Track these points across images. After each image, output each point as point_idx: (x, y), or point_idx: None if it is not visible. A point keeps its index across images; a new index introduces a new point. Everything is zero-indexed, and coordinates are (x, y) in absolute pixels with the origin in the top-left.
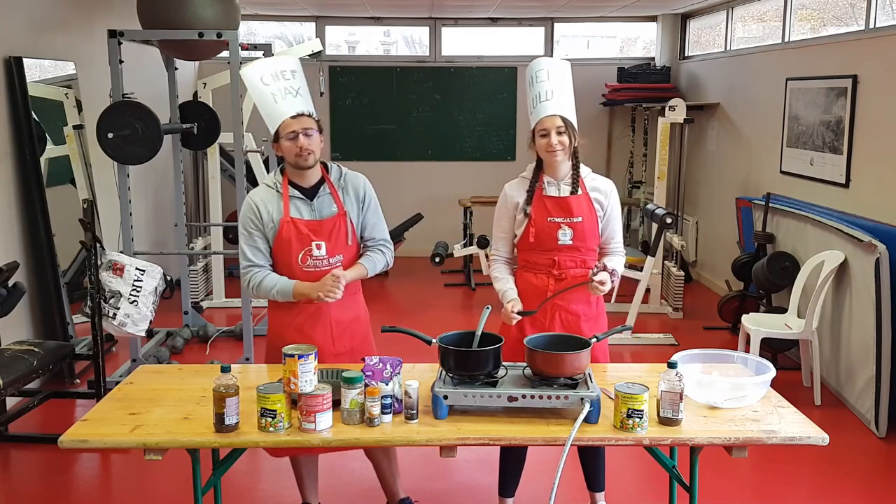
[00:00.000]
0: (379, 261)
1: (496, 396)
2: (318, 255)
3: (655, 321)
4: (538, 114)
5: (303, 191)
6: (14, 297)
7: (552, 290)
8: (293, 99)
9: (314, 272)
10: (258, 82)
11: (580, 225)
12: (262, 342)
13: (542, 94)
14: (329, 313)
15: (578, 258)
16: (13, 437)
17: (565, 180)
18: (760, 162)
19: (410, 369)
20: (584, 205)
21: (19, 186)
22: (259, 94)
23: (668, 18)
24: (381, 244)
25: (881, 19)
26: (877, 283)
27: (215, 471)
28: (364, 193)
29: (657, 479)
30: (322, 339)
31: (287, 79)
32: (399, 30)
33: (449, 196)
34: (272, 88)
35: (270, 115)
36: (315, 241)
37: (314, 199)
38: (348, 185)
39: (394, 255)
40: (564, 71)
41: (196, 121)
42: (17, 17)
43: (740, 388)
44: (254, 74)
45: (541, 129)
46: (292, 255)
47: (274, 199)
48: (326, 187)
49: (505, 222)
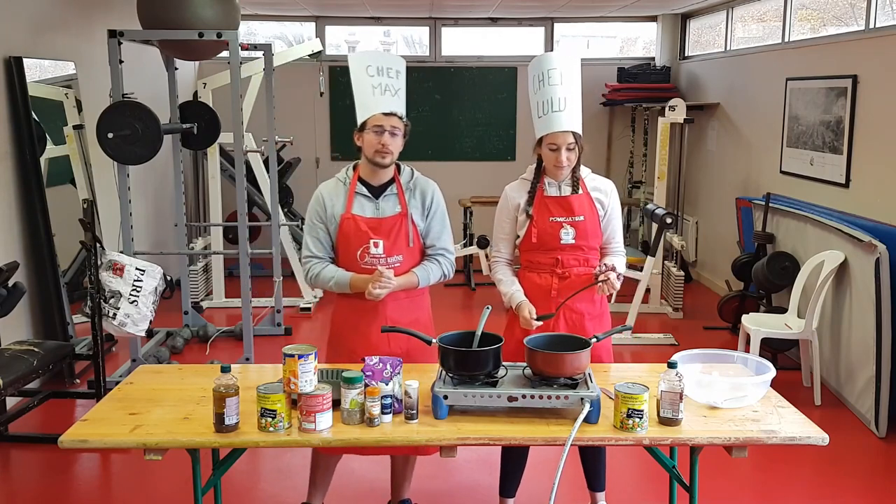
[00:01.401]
0: (434, 272)
1: (496, 396)
2: (376, 254)
3: (655, 321)
4: (550, 125)
5: (370, 188)
6: (14, 297)
7: (556, 290)
8: (391, 97)
9: (372, 269)
10: (363, 70)
11: (582, 224)
12: (262, 342)
13: (554, 102)
14: (386, 314)
15: (581, 257)
16: (13, 437)
17: (566, 181)
18: (760, 162)
19: (410, 369)
20: (586, 204)
21: (19, 186)
22: (360, 81)
23: (668, 18)
24: (441, 253)
25: (881, 19)
26: (877, 283)
27: (215, 471)
28: (432, 199)
29: (657, 479)
30: (378, 338)
31: (391, 77)
32: (399, 30)
33: (449, 196)
34: (375, 81)
35: (365, 104)
36: (373, 238)
37: (380, 198)
38: (417, 188)
39: (454, 265)
40: (576, 70)
41: (196, 121)
42: (17, 17)
43: (740, 388)
44: (361, 62)
45: (551, 143)
46: (351, 251)
47: (341, 193)
48: (394, 187)
49: (506, 224)
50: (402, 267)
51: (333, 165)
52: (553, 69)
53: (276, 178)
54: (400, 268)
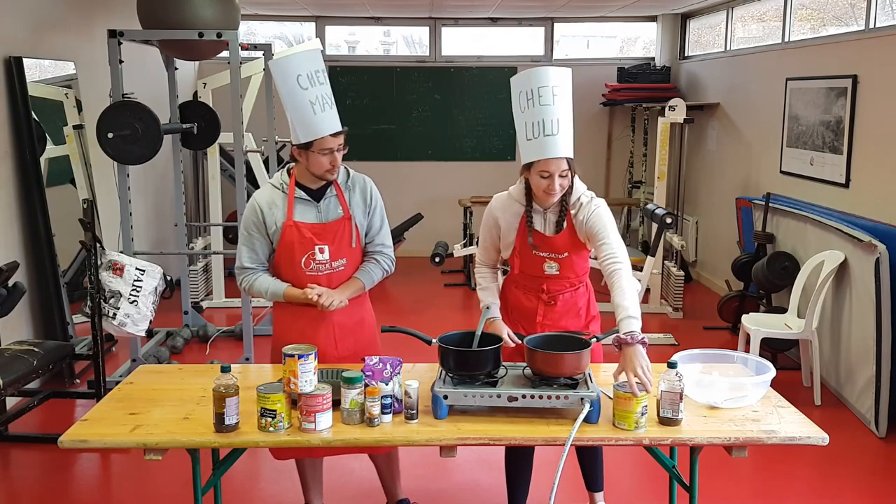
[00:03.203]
0: (376, 273)
1: (496, 396)
2: (321, 259)
3: (655, 321)
4: (543, 151)
5: (310, 192)
6: (14, 297)
7: (541, 315)
8: (330, 111)
9: (317, 276)
10: (293, 81)
11: (566, 259)
12: (262, 342)
13: (546, 124)
14: (332, 317)
15: (567, 283)
16: (13, 437)
17: (553, 209)
18: (760, 162)
19: (410, 369)
20: (569, 241)
21: (19, 186)
22: (293, 95)
23: (668, 18)
24: (380, 249)
25: (881, 19)
26: (877, 283)
27: (215, 471)
28: (371, 195)
29: (657, 479)
30: (325, 342)
31: (321, 83)
32: (399, 30)
33: (449, 196)
34: (310, 95)
35: (307, 126)
36: (318, 244)
37: (321, 202)
38: (355, 187)
39: (394, 260)
40: (567, 86)
41: (196, 121)
42: (17, 17)
43: (740, 388)
44: (288, 71)
45: (543, 170)
46: (295, 259)
47: (279, 200)
48: (333, 189)
49: (488, 236)
50: (346, 269)
51: None
52: (544, 87)
53: None
54: (344, 271)
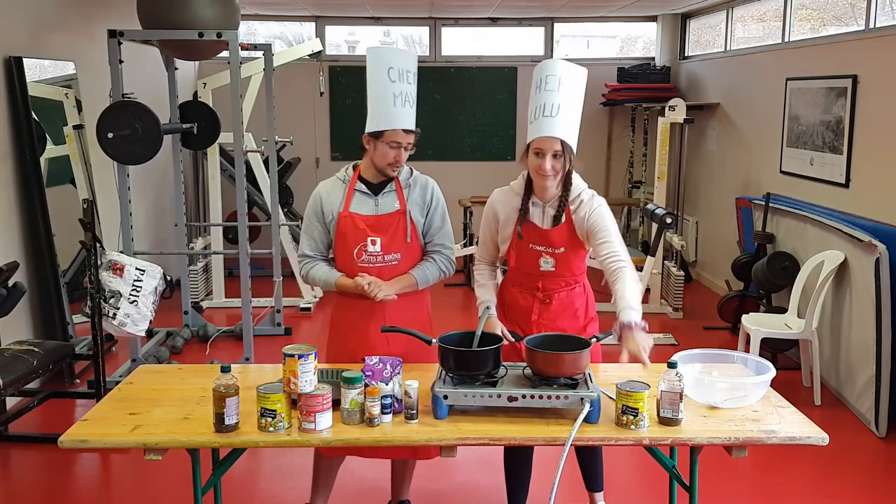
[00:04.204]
0: (431, 272)
1: (496, 396)
2: (373, 251)
3: (655, 321)
4: (537, 130)
5: (370, 186)
6: (14, 297)
7: (536, 314)
8: (410, 110)
9: (369, 268)
10: (383, 72)
11: (563, 255)
12: (262, 342)
13: (546, 106)
14: (384, 312)
15: (563, 281)
16: (13, 437)
17: (552, 203)
18: (760, 162)
19: (410, 369)
20: (566, 236)
21: (19, 186)
22: (380, 84)
23: (668, 18)
24: (439, 250)
25: (881, 19)
26: (877, 283)
27: (215, 471)
28: (432, 195)
29: (657, 479)
30: (376, 337)
31: (410, 83)
32: (399, 30)
33: (449, 196)
34: (397, 88)
35: (386, 115)
36: (371, 236)
37: (379, 195)
38: (416, 184)
39: (454, 262)
40: (578, 82)
41: (196, 121)
42: (17, 17)
43: (740, 388)
44: (382, 61)
45: (536, 148)
46: (348, 249)
47: (339, 191)
48: (393, 184)
49: (487, 231)
50: (400, 264)
51: (333, 165)
52: (552, 75)
53: (276, 178)
54: (398, 265)
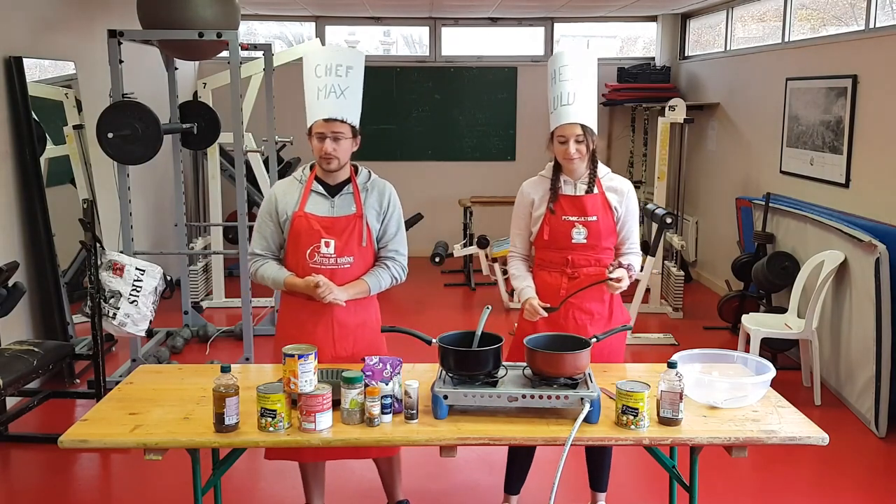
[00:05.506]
0: (384, 278)
1: (496, 396)
2: (326, 253)
3: (655, 321)
4: (558, 119)
5: (326, 187)
6: (14, 297)
7: (565, 289)
8: (335, 100)
9: (320, 269)
10: (311, 71)
11: (595, 224)
12: (262, 342)
13: (563, 95)
14: (332, 314)
15: (593, 257)
16: (13, 437)
17: (582, 179)
18: (760, 162)
19: (410, 369)
20: (599, 204)
21: (19, 186)
22: (308, 82)
23: (668, 18)
24: (392, 256)
25: (881, 19)
26: (877, 283)
27: (215, 471)
28: (389, 200)
29: (657, 479)
30: (323, 339)
31: (339, 75)
32: (399, 30)
33: (449, 196)
34: (320, 83)
35: (309, 108)
36: (325, 238)
37: (335, 197)
38: (374, 189)
39: (406, 268)
40: (590, 66)
41: (196, 121)
42: (17, 17)
43: (740, 388)
44: (311, 62)
45: (559, 136)
46: (300, 250)
47: (295, 191)
48: (350, 187)
49: (521, 220)
50: (353, 268)
51: None
52: (565, 66)
53: (276, 178)
54: (350, 269)
